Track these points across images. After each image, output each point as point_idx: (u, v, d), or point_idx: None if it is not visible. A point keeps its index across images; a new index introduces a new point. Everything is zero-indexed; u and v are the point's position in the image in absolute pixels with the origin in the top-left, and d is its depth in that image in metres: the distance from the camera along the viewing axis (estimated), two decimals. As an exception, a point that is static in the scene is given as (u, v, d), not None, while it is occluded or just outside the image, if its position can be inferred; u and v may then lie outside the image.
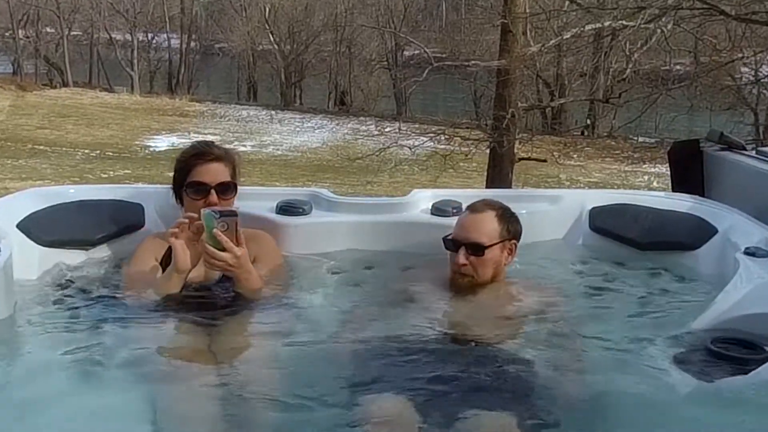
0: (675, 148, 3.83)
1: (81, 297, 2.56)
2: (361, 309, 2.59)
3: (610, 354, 2.31)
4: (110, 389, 2.09)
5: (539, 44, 11.54)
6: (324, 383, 2.11)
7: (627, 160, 17.79)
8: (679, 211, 3.16)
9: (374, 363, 2.20)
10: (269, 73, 26.31)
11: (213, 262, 2.44)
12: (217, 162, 2.69)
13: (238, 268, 2.46)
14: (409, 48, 22.72)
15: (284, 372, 2.21)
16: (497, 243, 2.64)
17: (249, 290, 2.51)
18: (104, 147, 17.45)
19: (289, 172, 15.24)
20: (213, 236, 2.42)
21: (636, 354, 2.28)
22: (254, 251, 2.69)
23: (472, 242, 2.61)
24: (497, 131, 11.10)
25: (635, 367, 2.21)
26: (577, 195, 3.46)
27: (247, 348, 2.39)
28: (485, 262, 2.61)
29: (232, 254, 2.43)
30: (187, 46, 27.84)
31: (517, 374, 2.18)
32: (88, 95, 24.62)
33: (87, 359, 2.19)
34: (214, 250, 2.43)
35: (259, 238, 2.79)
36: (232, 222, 2.44)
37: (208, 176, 2.66)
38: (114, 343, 2.28)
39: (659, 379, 2.14)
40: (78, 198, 3.00)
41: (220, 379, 2.15)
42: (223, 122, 21.31)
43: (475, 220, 2.66)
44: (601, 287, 2.83)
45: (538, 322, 2.52)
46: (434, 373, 2.13)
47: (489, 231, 2.63)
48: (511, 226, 2.69)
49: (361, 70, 24.31)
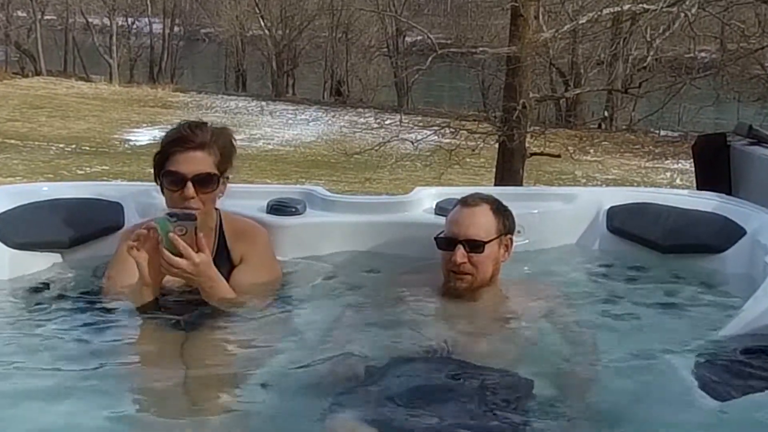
0: (700, 142, 3.84)
1: (54, 304, 2.57)
2: (350, 320, 2.57)
3: (627, 366, 2.31)
4: (74, 398, 2.09)
5: (553, 29, 11.52)
6: (294, 401, 2.12)
7: (648, 156, 17.78)
8: (704, 210, 3.16)
9: (351, 384, 2.17)
10: (259, 61, 26.29)
11: (170, 269, 2.40)
12: (198, 150, 2.56)
13: (198, 276, 2.42)
14: (412, 33, 22.72)
15: (255, 388, 2.19)
16: (495, 238, 2.64)
17: (215, 300, 2.48)
18: (80, 141, 17.43)
19: (281, 169, 15.23)
20: (170, 241, 2.39)
21: (656, 367, 2.27)
22: (242, 250, 2.67)
23: (471, 238, 2.61)
24: (507, 124, 11.09)
25: (654, 382, 2.21)
26: (594, 193, 3.47)
27: (220, 358, 2.37)
28: (485, 259, 2.61)
29: (190, 261, 2.39)
30: (171, 32, 27.82)
31: (515, 397, 2.15)
32: (63, 85, 24.59)
33: (53, 367, 2.20)
34: (170, 255, 2.39)
35: (250, 234, 2.74)
36: (191, 226, 2.41)
37: (185, 166, 2.55)
38: (83, 351, 2.29)
39: (680, 395, 2.14)
40: (52, 196, 3.00)
41: (186, 390, 2.17)
42: (210, 114, 21.27)
43: (470, 214, 2.65)
44: (619, 293, 2.83)
45: (540, 332, 2.51)
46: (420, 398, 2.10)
47: (486, 225, 2.64)
48: (507, 220, 2.70)
49: (360, 57, 24.30)
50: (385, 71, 24.21)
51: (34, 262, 2.79)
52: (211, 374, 2.27)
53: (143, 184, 3.13)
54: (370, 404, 2.07)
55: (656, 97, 13.99)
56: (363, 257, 3.00)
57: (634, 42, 14.22)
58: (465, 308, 2.62)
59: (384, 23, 23.32)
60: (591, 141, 17.25)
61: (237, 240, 2.66)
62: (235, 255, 2.64)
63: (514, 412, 2.07)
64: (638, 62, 13.25)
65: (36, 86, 24.01)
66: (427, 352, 2.34)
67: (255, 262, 2.68)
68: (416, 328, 2.50)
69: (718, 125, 15.68)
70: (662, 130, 19.01)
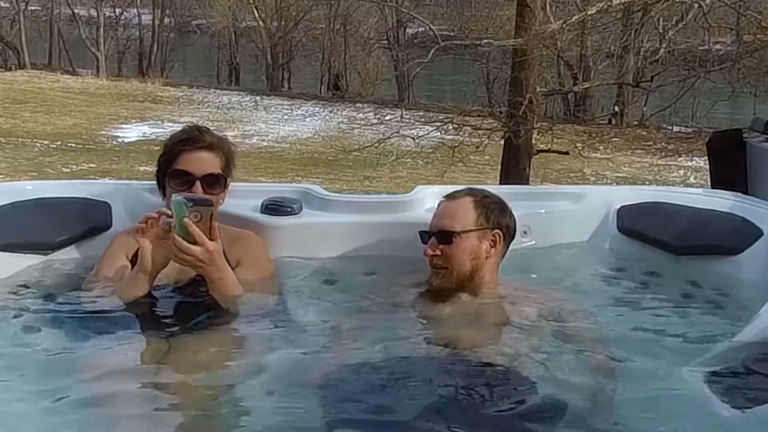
0: (715, 138, 3.85)
1: (38, 308, 2.56)
2: (348, 325, 2.57)
3: (638, 374, 2.31)
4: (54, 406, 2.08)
5: (561, 20, 11.54)
6: (290, 408, 2.11)
7: (660, 153, 17.79)
8: (719, 210, 3.16)
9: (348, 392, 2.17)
10: (253, 54, 26.31)
11: (181, 256, 2.40)
12: (207, 151, 2.67)
13: (210, 266, 2.43)
14: (413, 25, 22.75)
15: (242, 397, 2.19)
16: (472, 230, 2.65)
17: (222, 295, 2.49)
18: (66, 137, 17.44)
19: (276, 166, 15.25)
20: (183, 226, 2.37)
21: (667, 374, 2.27)
22: (238, 254, 2.68)
23: (441, 229, 2.66)
24: (513, 120, 11.10)
25: (665, 390, 2.20)
26: (604, 192, 3.47)
27: (210, 364, 2.36)
28: (457, 251, 2.63)
29: (204, 248, 2.39)
30: (161, 23, 27.82)
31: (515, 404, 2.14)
32: (48, 79, 24.61)
33: (33, 372, 2.21)
34: (182, 241, 2.38)
35: (245, 239, 2.78)
36: (206, 212, 2.40)
37: (194, 165, 2.64)
38: (68, 357, 2.29)
39: (693, 404, 2.13)
40: (36, 195, 3.00)
41: (173, 396, 2.16)
42: (202, 109, 21.29)
43: (448, 207, 2.72)
44: (630, 297, 2.83)
45: (539, 336, 2.50)
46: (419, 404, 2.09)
47: (462, 217, 2.67)
48: (492, 215, 2.70)
49: (358, 50, 24.31)
50: (385, 64, 24.22)
51: (16, 264, 2.78)
52: (199, 380, 2.26)
53: (132, 183, 3.14)
54: (368, 412, 2.07)
55: (669, 92, 14.04)
56: (362, 259, 3.00)
57: (645, 33, 14.25)
58: (451, 308, 2.62)
59: (384, 14, 23.33)
60: (600, 137, 17.23)
61: (232, 244, 2.68)
62: (231, 259, 2.65)
63: (516, 420, 2.07)
64: (650, 55, 13.28)
65: (19, 80, 24.03)
66: (425, 357, 2.35)
67: (252, 265, 2.70)
68: (416, 332, 2.50)
69: (734, 121, 15.68)
70: (675, 126, 19.03)
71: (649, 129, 18.87)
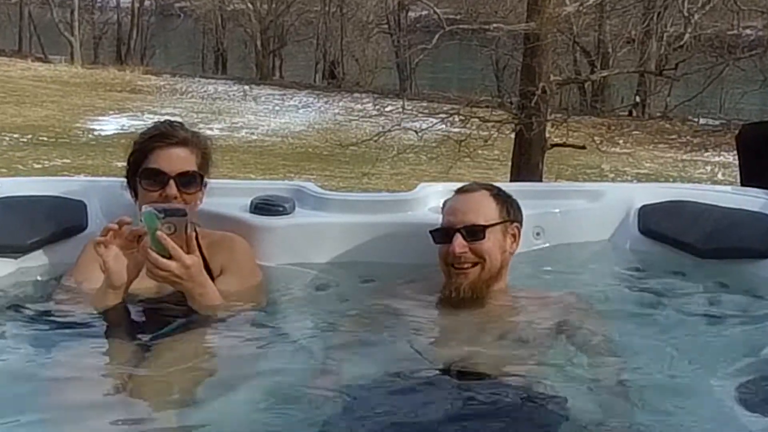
0: (744, 132, 3.86)
1: (6, 315, 2.56)
2: (343, 335, 2.57)
3: (661, 385, 2.32)
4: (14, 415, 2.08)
5: (576, 2, 11.54)
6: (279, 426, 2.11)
7: (685, 147, 17.79)
8: (750, 209, 3.17)
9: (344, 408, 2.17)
10: (242, 39, 26.30)
11: (156, 272, 2.40)
12: (181, 147, 2.68)
13: (188, 281, 2.43)
14: (416, 8, 22.73)
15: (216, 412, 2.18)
16: (498, 223, 2.68)
17: (204, 308, 2.49)
18: (38, 130, 17.44)
19: (267, 162, 15.24)
20: (157, 240, 2.37)
21: (693, 385, 2.29)
22: (221, 261, 2.69)
23: (469, 224, 2.65)
24: (524, 111, 11.10)
25: (691, 402, 2.22)
26: (624, 190, 3.48)
27: (190, 377, 2.35)
28: (490, 247, 2.64)
29: (180, 263, 2.39)
30: (140, 6, 27.84)
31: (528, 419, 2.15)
32: (18, 66, 24.61)
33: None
34: (156, 257, 2.37)
35: (229, 243, 2.78)
36: (180, 223, 2.39)
37: (167, 163, 2.64)
38: (38, 367, 2.30)
39: (721, 416, 2.14)
40: (5, 193, 3.00)
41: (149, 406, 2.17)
42: (185, 100, 21.30)
43: (467, 201, 2.72)
44: (652, 304, 2.84)
45: (558, 347, 2.52)
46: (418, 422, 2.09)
47: (485, 211, 2.69)
48: (511, 208, 2.75)
49: (356, 35, 24.31)
50: (385, 51, 24.22)
51: (-16, 268, 2.79)
52: (171, 392, 2.27)
53: (109, 180, 3.14)
54: None
55: (695, 81, 14.01)
56: (359, 263, 3.01)
57: (669, 17, 14.24)
58: (467, 318, 2.63)
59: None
60: (620, 130, 17.23)
61: (214, 250, 2.68)
62: (214, 266, 2.65)
63: None
64: (674, 40, 13.26)
65: (-13, 68, 24.03)
66: (427, 370, 2.35)
67: (236, 272, 2.70)
68: (416, 345, 2.50)
69: (765, 112, 15.70)
70: (701, 118, 19.02)
71: (673, 121, 18.87)
